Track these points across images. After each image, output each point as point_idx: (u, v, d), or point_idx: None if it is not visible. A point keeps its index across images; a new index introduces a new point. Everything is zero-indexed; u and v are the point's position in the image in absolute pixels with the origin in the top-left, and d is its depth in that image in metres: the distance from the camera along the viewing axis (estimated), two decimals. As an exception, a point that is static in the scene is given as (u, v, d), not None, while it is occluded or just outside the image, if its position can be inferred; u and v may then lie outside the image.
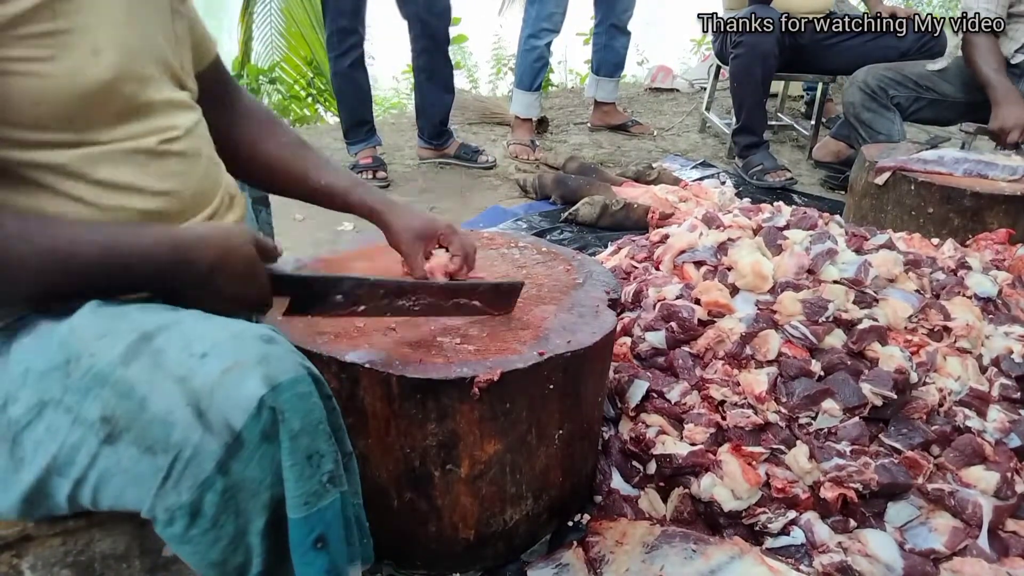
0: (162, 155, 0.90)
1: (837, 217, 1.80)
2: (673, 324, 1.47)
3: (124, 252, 0.81)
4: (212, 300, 0.85)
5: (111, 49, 0.83)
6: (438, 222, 1.22)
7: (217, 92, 1.11)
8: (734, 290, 1.51)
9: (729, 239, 1.65)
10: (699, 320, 1.46)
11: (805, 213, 1.74)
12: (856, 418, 1.32)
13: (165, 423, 0.73)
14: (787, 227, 1.67)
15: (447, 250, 1.19)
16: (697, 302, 1.49)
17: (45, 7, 0.76)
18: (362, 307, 1.03)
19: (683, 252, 1.66)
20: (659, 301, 1.54)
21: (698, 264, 1.61)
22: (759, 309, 1.45)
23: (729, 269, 1.54)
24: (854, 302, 1.45)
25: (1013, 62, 2.76)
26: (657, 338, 1.48)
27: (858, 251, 1.59)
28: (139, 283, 0.83)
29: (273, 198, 1.37)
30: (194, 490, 0.74)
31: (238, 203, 1.06)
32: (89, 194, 0.84)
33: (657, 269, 1.71)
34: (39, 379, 0.78)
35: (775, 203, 1.92)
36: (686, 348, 1.46)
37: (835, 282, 1.47)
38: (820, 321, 1.40)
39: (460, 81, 6.43)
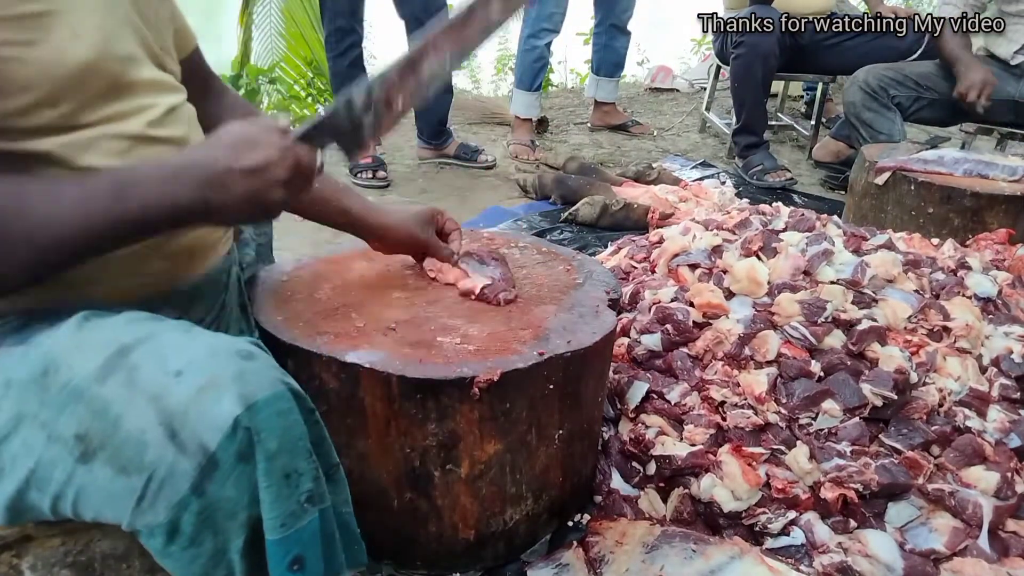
0: (147, 141, 0.89)
1: (835, 218, 1.80)
2: (668, 326, 1.47)
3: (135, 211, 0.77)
4: (247, 196, 0.79)
5: (90, 30, 0.83)
6: (426, 207, 1.27)
7: (200, 83, 1.11)
8: (730, 294, 1.51)
9: (725, 241, 1.65)
10: (694, 322, 1.46)
11: (803, 215, 1.74)
12: (856, 418, 1.32)
13: (139, 443, 0.72)
14: (784, 229, 1.67)
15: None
16: (691, 304, 1.49)
17: None
18: None
19: (677, 255, 1.67)
20: (654, 304, 1.53)
21: (693, 267, 1.61)
22: (756, 310, 1.45)
23: (724, 272, 1.55)
24: (853, 302, 1.45)
25: (1013, 63, 2.77)
26: (653, 340, 1.48)
27: (856, 252, 1.59)
28: (162, 227, 0.80)
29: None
30: (170, 510, 0.73)
31: None
32: None
33: (652, 272, 1.71)
34: (19, 391, 0.78)
35: (773, 204, 1.93)
36: (684, 350, 1.46)
37: (832, 283, 1.48)
38: (819, 322, 1.40)
39: (463, 81, 6.43)
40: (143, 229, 0.79)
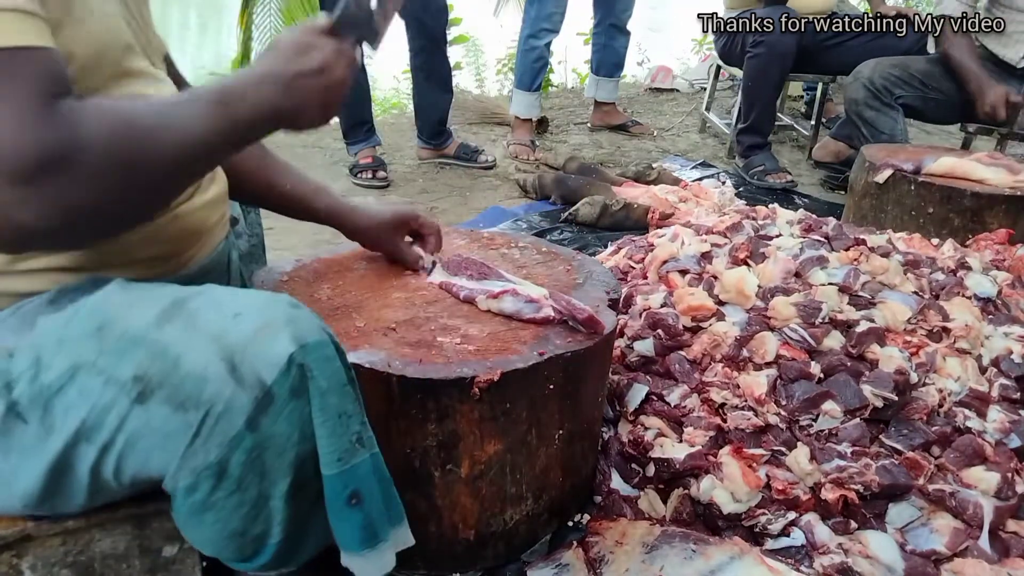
0: None
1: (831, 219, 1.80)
2: (660, 331, 1.47)
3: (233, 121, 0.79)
4: (316, 95, 0.83)
5: (99, 13, 0.84)
6: (405, 209, 1.28)
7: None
8: (720, 302, 1.51)
9: (714, 246, 1.65)
10: (684, 327, 1.46)
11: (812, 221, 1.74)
12: (857, 419, 1.32)
13: (199, 378, 0.74)
14: (779, 235, 1.67)
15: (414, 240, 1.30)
16: (677, 309, 1.49)
17: None
18: None
19: (666, 262, 1.67)
20: (645, 310, 1.53)
21: (683, 272, 1.61)
22: (751, 314, 1.45)
23: (715, 278, 1.54)
24: (850, 304, 1.45)
25: (1020, 67, 2.74)
26: (645, 346, 1.48)
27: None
28: (265, 130, 0.83)
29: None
30: (223, 447, 0.75)
31: (219, 176, 1.06)
32: None
33: (645, 279, 1.71)
34: (73, 345, 0.78)
35: (770, 205, 1.92)
36: (682, 353, 1.46)
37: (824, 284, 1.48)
38: (816, 323, 1.40)
39: (467, 82, 6.42)
40: (248, 133, 0.82)
